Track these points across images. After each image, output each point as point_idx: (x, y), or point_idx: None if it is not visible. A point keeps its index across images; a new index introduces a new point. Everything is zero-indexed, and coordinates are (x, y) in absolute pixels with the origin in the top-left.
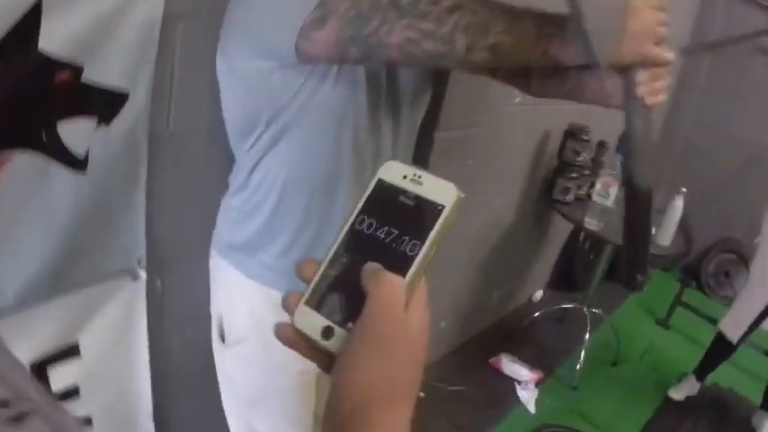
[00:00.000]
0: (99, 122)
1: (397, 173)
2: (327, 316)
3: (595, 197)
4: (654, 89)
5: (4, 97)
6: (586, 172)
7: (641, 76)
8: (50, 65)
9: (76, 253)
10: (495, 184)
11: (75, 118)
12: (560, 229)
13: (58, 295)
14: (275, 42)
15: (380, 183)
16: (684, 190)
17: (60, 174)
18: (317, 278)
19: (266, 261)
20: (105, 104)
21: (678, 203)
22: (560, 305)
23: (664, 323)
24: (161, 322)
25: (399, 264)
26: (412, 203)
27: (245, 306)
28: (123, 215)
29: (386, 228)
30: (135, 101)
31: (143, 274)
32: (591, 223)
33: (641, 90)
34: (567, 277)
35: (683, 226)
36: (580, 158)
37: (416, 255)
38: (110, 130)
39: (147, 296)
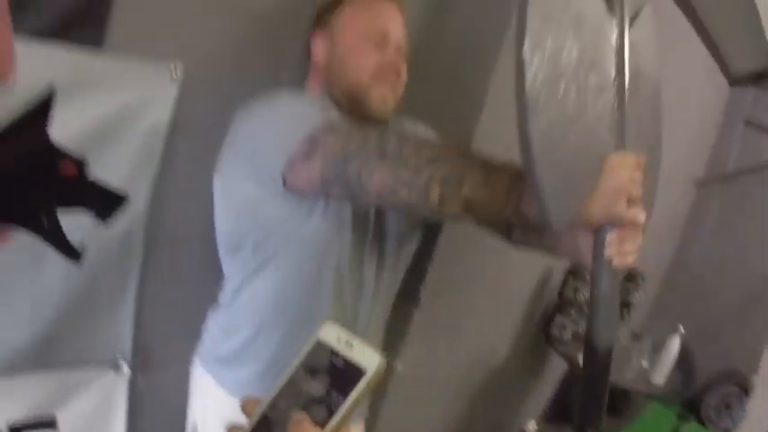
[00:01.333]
0: (97, 218)
1: (333, 335)
2: None
3: None
4: (623, 251)
5: (10, 176)
6: (586, 310)
7: (611, 236)
8: (57, 154)
9: (62, 335)
10: (491, 315)
11: (76, 209)
12: (558, 363)
13: (40, 370)
14: (267, 171)
15: (319, 341)
16: (682, 329)
17: (55, 259)
18: (256, 418)
19: (242, 378)
20: (105, 203)
21: (674, 343)
22: None
23: None
24: (140, 418)
25: (322, 416)
26: (341, 364)
27: (219, 418)
28: (112, 308)
29: (317, 383)
30: (135, 204)
31: (126, 368)
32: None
33: (609, 251)
34: (563, 411)
35: (686, 360)
36: (580, 297)
37: (338, 411)
38: (107, 228)
39: (129, 390)
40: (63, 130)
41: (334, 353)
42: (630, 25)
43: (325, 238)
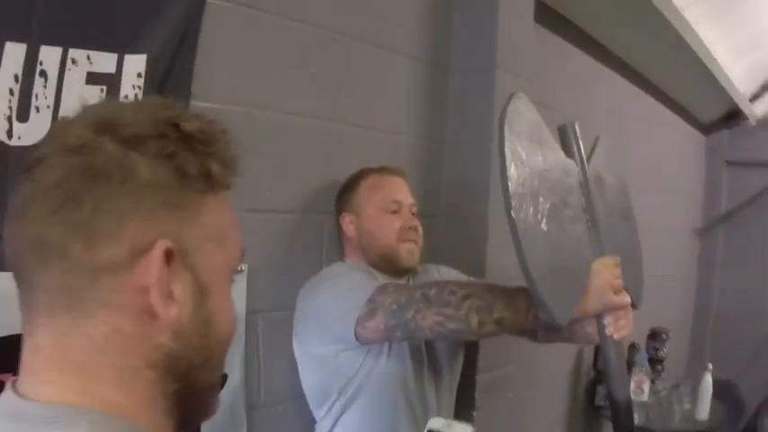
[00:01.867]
0: None
1: (437, 422)
2: None
3: (632, 396)
4: (619, 327)
5: None
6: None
7: (608, 319)
8: None
9: None
10: (540, 405)
11: None
12: None
13: None
14: (339, 331)
15: (429, 430)
16: (711, 366)
17: None
18: None
19: None
20: None
21: (707, 380)
22: None
23: None
24: None
25: None
26: None
27: None
28: None
29: None
30: (233, 379)
31: None
32: (636, 419)
33: (609, 330)
34: None
35: (732, 393)
36: None
37: None
38: None
39: None
40: None
41: None
42: (588, 161)
43: (394, 372)
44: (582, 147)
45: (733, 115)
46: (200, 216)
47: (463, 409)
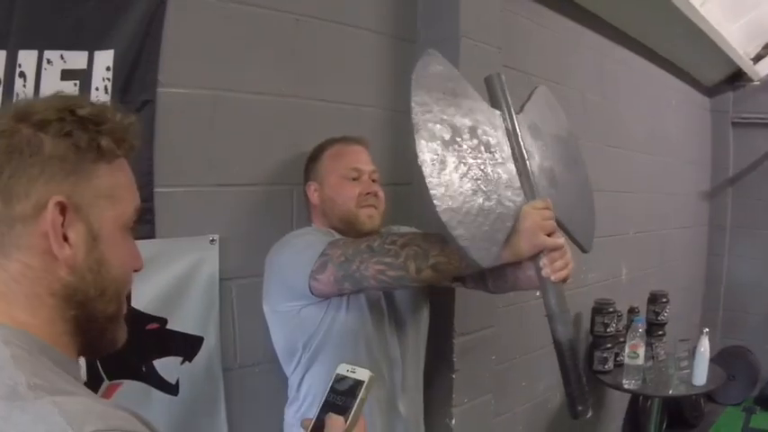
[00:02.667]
0: (183, 360)
1: (343, 368)
2: None
3: (626, 359)
4: (556, 268)
5: None
6: (621, 339)
7: (543, 261)
8: (143, 317)
9: None
10: (535, 370)
11: (166, 357)
12: (617, 394)
13: None
14: (297, 286)
15: (337, 375)
16: (707, 330)
17: (158, 396)
18: (310, 426)
19: None
20: (187, 346)
21: (704, 344)
22: None
23: None
24: None
25: (344, 413)
26: (351, 382)
27: None
28: (209, 428)
29: (338, 396)
30: (209, 343)
31: None
32: (629, 384)
33: (546, 271)
34: None
35: (746, 360)
36: (610, 329)
37: (352, 406)
38: (193, 365)
39: None
40: (143, 299)
41: (344, 377)
42: (521, 110)
43: (354, 326)
44: (508, 95)
45: (737, 76)
46: (91, 179)
47: (441, 372)
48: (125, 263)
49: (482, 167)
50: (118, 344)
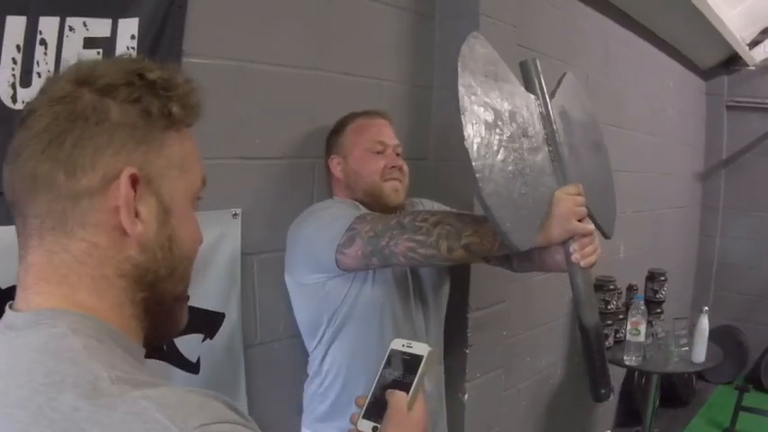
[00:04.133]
0: (204, 338)
1: (398, 343)
2: (374, 420)
3: (628, 336)
4: (585, 254)
5: None
6: (621, 316)
7: (573, 246)
8: None
9: None
10: (540, 345)
11: (187, 335)
12: (615, 371)
13: None
14: (323, 259)
15: (392, 350)
16: (706, 308)
17: (179, 375)
18: (365, 404)
19: (343, 426)
20: (209, 323)
21: (703, 322)
22: None
23: (729, 431)
24: None
25: (404, 388)
26: (408, 357)
27: None
28: None
29: (396, 372)
30: (230, 319)
31: None
32: (630, 360)
33: (575, 257)
34: (632, 413)
35: (736, 338)
36: (611, 306)
37: (412, 382)
38: (214, 343)
39: None
40: None
41: (401, 353)
42: (552, 96)
43: (379, 299)
44: (543, 81)
45: (732, 60)
46: (163, 149)
47: (455, 347)
48: (194, 239)
49: (520, 152)
50: (181, 327)
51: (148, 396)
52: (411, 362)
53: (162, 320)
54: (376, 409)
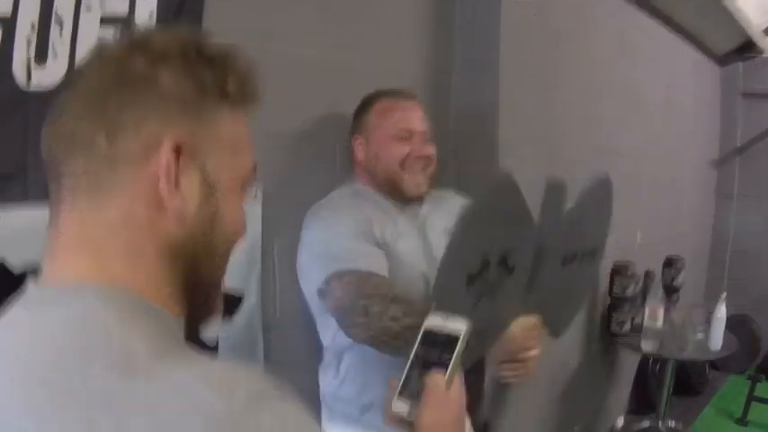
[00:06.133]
0: (225, 317)
1: (433, 320)
2: (409, 400)
3: (646, 322)
4: (515, 375)
5: None
6: (638, 302)
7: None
8: None
9: None
10: None
11: None
12: (630, 358)
13: None
14: (313, 300)
15: (426, 327)
16: (725, 295)
17: None
18: (399, 384)
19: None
20: (228, 305)
21: (720, 310)
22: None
23: (741, 421)
24: None
25: (442, 367)
26: (444, 334)
27: None
28: None
29: (431, 350)
30: (249, 302)
31: None
32: (647, 345)
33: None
34: (645, 400)
35: (748, 327)
36: (629, 291)
37: (450, 361)
38: (233, 325)
39: None
40: None
41: (437, 330)
42: None
43: None
44: None
45: (748, 47)
46: (213, 125)
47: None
48: (237, 228)
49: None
50: (214, 315)
51: (190, 368)
52: (448, 339)
53: (198, 305)
54: (411, 390)
